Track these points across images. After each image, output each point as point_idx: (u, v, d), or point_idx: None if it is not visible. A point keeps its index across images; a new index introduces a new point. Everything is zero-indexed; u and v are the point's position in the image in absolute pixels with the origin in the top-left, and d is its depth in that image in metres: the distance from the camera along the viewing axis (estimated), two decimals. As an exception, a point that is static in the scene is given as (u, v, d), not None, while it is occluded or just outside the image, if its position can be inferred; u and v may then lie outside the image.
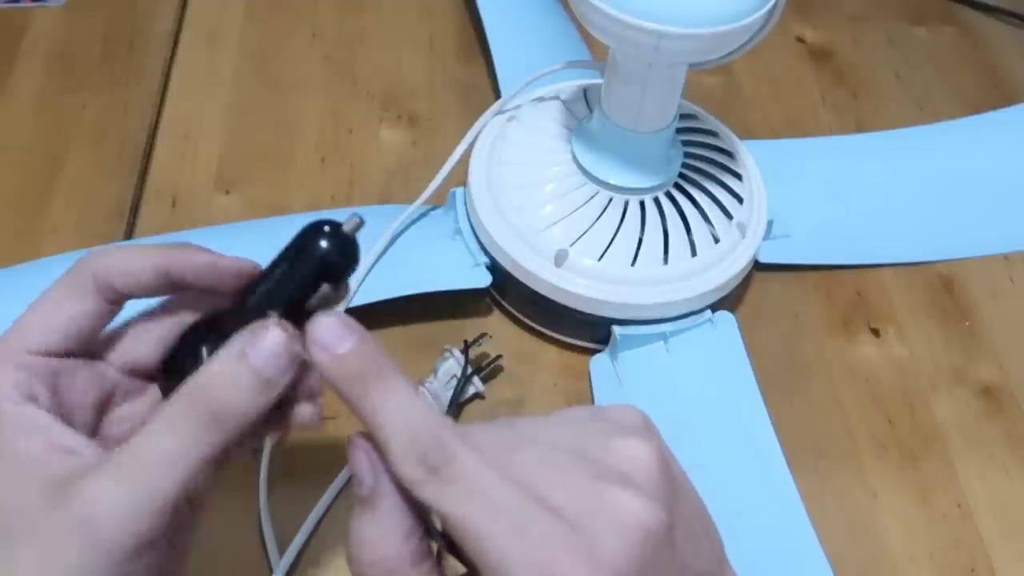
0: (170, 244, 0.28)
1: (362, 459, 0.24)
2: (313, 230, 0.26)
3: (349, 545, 0.24)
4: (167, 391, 0.28)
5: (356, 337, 0.24)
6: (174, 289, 0.28)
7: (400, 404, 0.23)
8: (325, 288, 0.26)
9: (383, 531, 0.24)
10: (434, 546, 0.25)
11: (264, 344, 0.24)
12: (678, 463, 0.25)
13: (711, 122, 0.52)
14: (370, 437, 0.24)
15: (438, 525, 0.24)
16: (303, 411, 0.28)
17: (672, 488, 0.24)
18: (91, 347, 0.28)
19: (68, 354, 0.27)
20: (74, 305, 0.27)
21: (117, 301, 0.28)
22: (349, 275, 0.26)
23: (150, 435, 0.24)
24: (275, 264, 0.27)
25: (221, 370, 0.24)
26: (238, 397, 0.24)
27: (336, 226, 0.26)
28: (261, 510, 0.40)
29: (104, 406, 0.28)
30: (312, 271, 0.26)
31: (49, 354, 0.26)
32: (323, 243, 0.26)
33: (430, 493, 0.23)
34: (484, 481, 0.22)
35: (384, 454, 0.23)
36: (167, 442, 0.24)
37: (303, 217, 0.51)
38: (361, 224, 0.26)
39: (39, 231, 0.50)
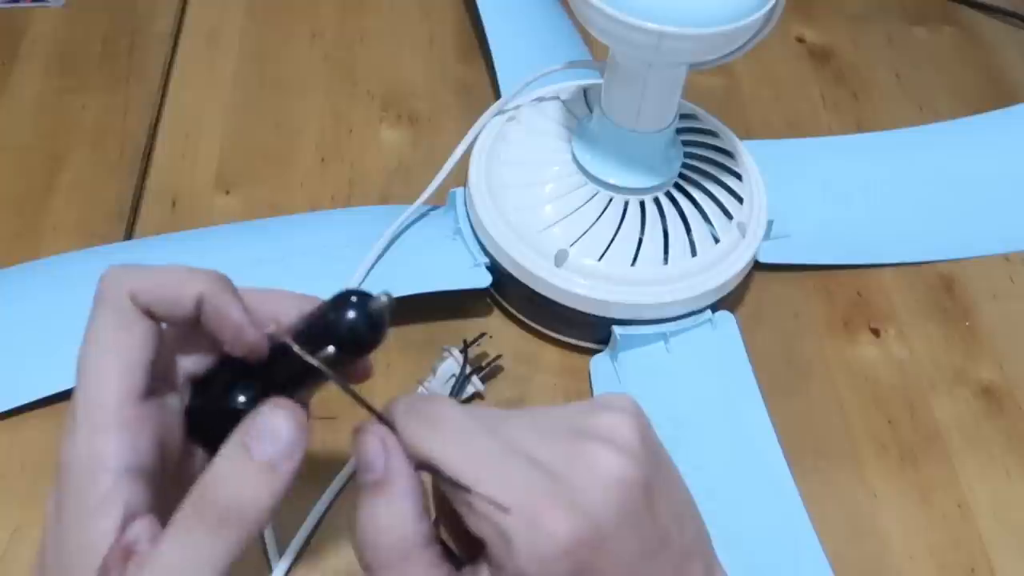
0: (208, 274, 0.26)
1: (375, 443, 0.24)
2: (342, 300, 0.25)
3: (361, 532, 0.24)
4: (197, 437, 0.27)
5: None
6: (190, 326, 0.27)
7: None
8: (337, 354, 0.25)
9: (397, 513, 0.24)
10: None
11: (267, 434, 0.23)
12: (661, 444, 0.26)
13: (711, 122, 0.52)
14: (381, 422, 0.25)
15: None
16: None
17: (652, 458, 0.25)
18: (164, 370, 0.27)
19: (154, 390, 0.25)
20: (135, 336, 0.25)
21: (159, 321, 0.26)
22: (368, 352, 0.26)
23: (168, 550, 0.23)
24: (301, 328, 0.26)
25: (228, 471, 0.23)
26: (253, 494, 0.23)
27: (366, 298, 0.25)
28: (261, 510, 0.40)
29: None
30: (336, 343, 0.25)
31: (140, 398, 0.25)
32: (351, 314, 0.25)
33: (418, 436, 0.24)
34: (470, 428, 0.24)
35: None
36: (188, 555, 0.23)
37: (303, 217, 0.51)
38: (391, 303, 0.25)
39: (39, 231, 0.50)
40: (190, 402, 0.27)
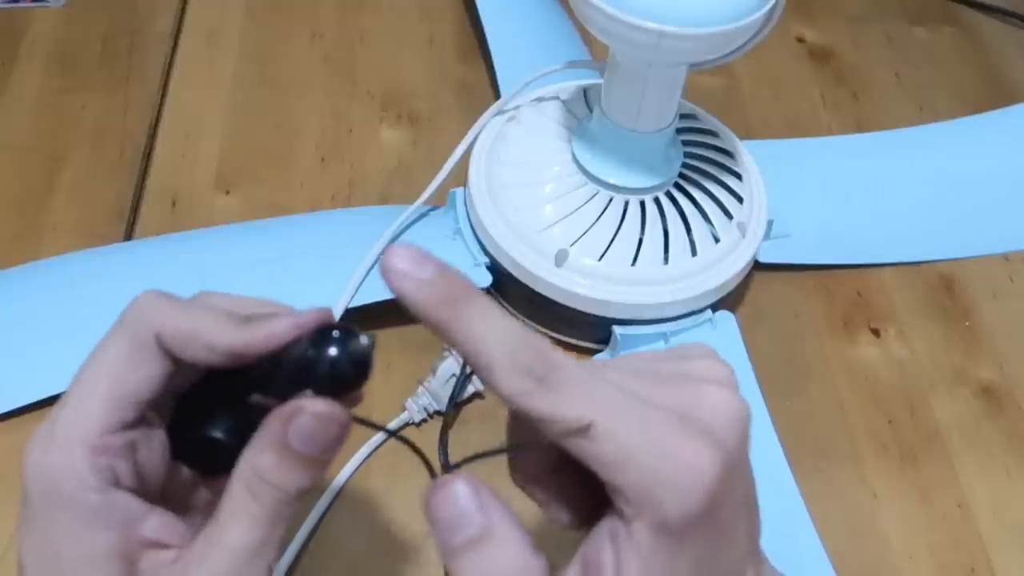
0: (250, 322, 0.25)
1: (469, 495, 0.22)
2: (327, 334, 0.25)
3: None
4: (184, 460, 0.27)
5: (435, 262, 0.23)
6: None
7: (494, 322, 0.22)
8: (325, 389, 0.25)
9: (510, 564, 0.22)
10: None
11: (304, 427, 0.24)
12: None
13: (711, 122, 0.52)
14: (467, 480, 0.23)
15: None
16: None
17: None
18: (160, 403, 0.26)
19: (142, 420, 0.25)
20: (141, 372, 0.25)
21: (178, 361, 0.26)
22: (348, 393, 0.25)
23: (232, 532, 0.24)
24: (284, 352, 0.25)
25: (274, 461, 0.24)
26: (298, 479, 0.24)
27: (351, 337, 0.25)
28: (261, 510, 0.40)
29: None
30: (313, 377, 0.24)
31: (125, 428, 0.24)
32: (333, 351, 0.24)
33: (542, 403, 0.22)
34: (594, 383, 0.22)
35: (485, 374, 0.22)
36: (250, 537, 0.23)
37: (303, 217, 0.51)
38: (373, 345, 0.25)
39: (39, 231, 0.50)
40: (175, 426, 0.27)
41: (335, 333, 0.24)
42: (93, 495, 0.24)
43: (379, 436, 0.42)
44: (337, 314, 0.44)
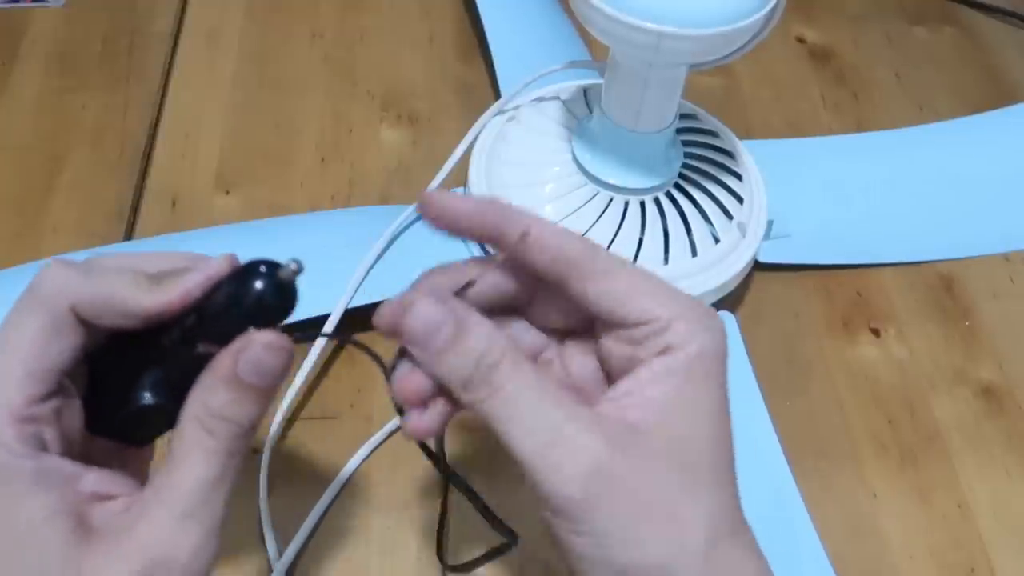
0: (162, 283, 0.26)
1: (432, 304, 0.26)
2: (249, 271, 0.25)
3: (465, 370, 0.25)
4: (94, 422, 0.27)
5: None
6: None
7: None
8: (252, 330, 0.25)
9: (488, 342, 0.25)
10: None
11: (253, 359, 0.24)
12: None
13: (711, 122, 0.52)
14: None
15: None
16: None
17: None
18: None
19: (60, 389, 0.25)
20: (59, 344, 0.25)
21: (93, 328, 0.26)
22: (280, 322, 0.25)
23: (189, 468, 0.24)
24: (207, 300, 0.26)
25: (227, 397, 0.24)
26: (250, 411, 0.25)
27: (274, 267, 0.25)
28: (261, 510, 0.40)
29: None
30: (245, 314, 0.25)
31: (46, 398, 0.25)
32: (259, 284, 0.25)
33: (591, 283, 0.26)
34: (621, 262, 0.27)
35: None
36: (208, 471, 0.24)
37: (303, 217, 0.51)
38: (299, 271, 0.25)
39: (39, 231, 0.50)
40: (100, 404, 0.27)
41: (262, 268, 0.25)
42: (26, 461, 0.24)
43: (379, 436, 0.42)
44: (337, 314, 0.44)
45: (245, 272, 0.25)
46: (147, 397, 0.26)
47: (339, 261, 0.46)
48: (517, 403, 0.25)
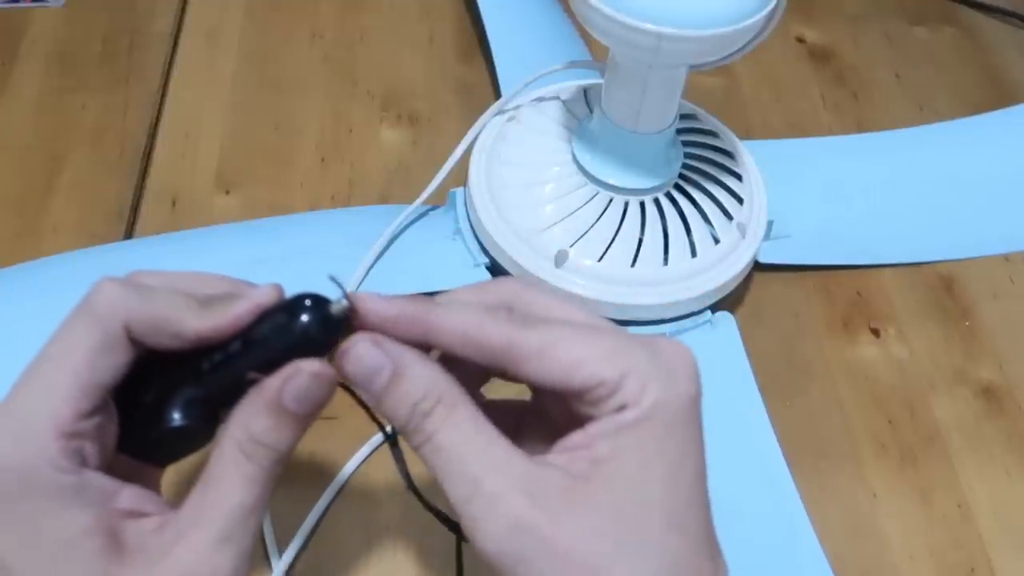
0: (214, 308, 0.26)
1: (370, 347, 0.25)
2: (299, 303, 0.26)
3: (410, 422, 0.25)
4: (122, 440, 0.27)
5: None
6: None
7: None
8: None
9: (430, 379, 0.25)
10: None
11: (299, 387, 0.25)
12: None
13: (711, 122, 0.52)
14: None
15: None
16: None
17: None
18: None
19: (107, 404, 0.26)
20: (110, 361, 0.25)
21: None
22: (323, 355, 0.26)
23: (227, 492, 0.25)
24: (252, 327, 0.26)
25: (268, 423, 0.25)
26: (288, 438, 0.25)
27: (324, 303, 0.26)
28: (261, 510, 0.40)
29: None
30: (291, 345, 0.25)
31: (94, 413, 0.25)
32: (307, 318, 0.25)
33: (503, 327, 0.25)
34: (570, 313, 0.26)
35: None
36: (245, 496, 0.25)
37: (303, 217, 0.51)
38: (349, 308, 0.26)
39: (39, 231, 0.50)
40: (125, 417, 0.27)
41: (311, 302, 0.25)
42: (67, 476, 0.24)
43: (379, 436, 0.42)
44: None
45: (295, 304, 0.26)
46: (180, 418, 0.26)
47: (339, 261, 0.46)
48: (445, 453, 0.24)
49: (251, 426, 0.25)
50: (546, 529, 0.23)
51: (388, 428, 0.27)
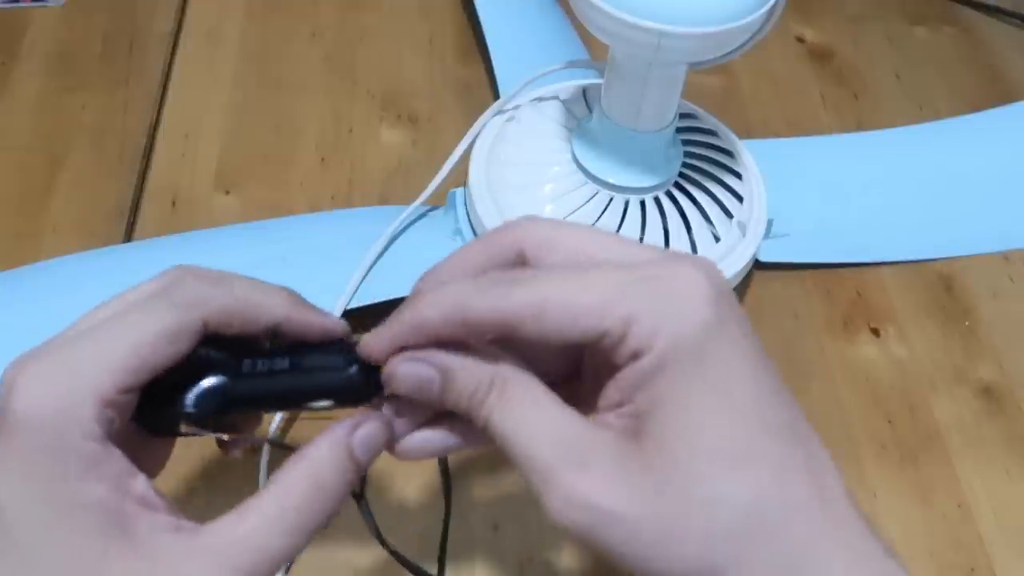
0: (284, 298, 0.27)
1: (416, 361, 0.25)
2: (352, 351, 0.27)
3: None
4: (148, 419, 0.27)
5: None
6: None
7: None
8: (324, 403, 0.27)
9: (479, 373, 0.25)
10: None
11: (365, 436, 0.26)
12: None
13: (711, 122, 0.52)
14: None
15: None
16: None
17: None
18: None
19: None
20: (175, 348, 0.25)
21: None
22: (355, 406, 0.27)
23: (258, 536, 0.24)
24: (307, 354, 0.27)
25: (332, 466, 0.25)
26: (344, 480, 0.26)
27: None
28: (261, 510, 0.40)
29: None
30: (335, 384, 0.27)
31: (133, 390, 0.25)
32: (359, 371, 0.26)
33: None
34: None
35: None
36: (273, 542, 0.25)
37: (303, 217, 0.51)
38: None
39: (39, 231, 0.50)
40: (151, 395, 0.27)
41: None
42: (94, 444, 0.24)
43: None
44: (336, 315, 0.44)
45: (351, 349, 0.27)
46: (192, 406, 0.26)
47: (339, 261, 0.46)
48: (500, 437, 0.25)
49: (320, 463, 0.25)
50: (600, 499, 0.23)
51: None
